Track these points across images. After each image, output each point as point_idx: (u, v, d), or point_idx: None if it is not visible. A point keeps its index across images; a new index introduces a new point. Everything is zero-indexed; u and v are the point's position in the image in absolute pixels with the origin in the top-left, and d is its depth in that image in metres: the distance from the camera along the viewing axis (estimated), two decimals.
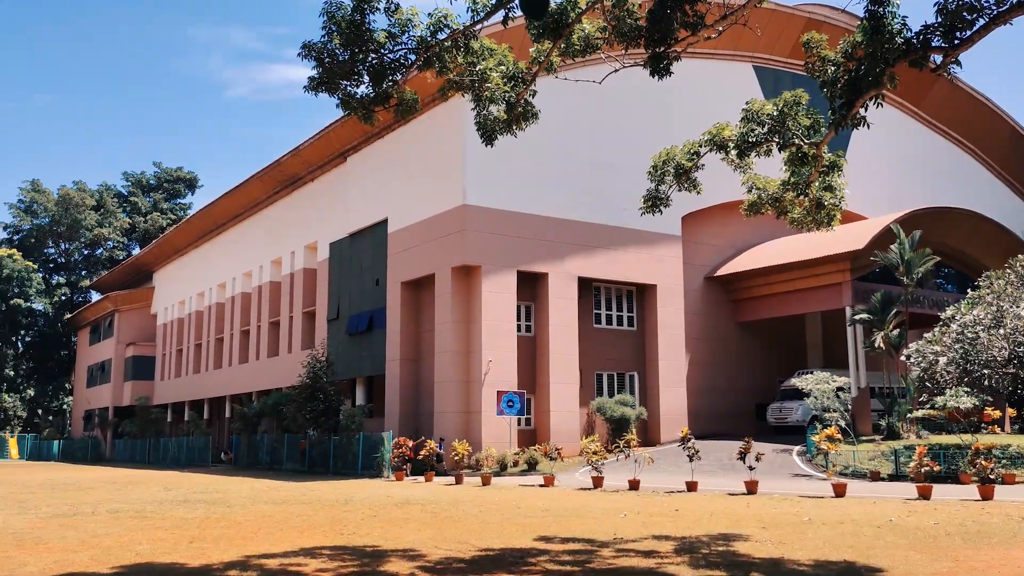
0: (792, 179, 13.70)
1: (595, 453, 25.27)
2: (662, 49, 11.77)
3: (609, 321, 37.73)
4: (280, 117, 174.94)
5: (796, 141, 12.92)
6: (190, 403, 61.52)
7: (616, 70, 13.51)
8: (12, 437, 74.17)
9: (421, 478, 29.30)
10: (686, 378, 37.80)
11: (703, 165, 14.15)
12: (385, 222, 38.34)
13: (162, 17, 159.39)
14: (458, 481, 27.48)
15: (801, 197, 13.92)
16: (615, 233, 36.28)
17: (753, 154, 13.41)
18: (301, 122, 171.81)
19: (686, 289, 38.60)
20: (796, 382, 32.03)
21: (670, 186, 14.36)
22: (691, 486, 22.38)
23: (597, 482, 24.35)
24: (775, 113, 12.88)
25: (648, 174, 14.43)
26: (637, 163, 20.27)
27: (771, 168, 14.75)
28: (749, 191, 14.50)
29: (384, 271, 37.96)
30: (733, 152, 13.39)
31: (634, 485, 23.24)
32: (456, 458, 28.52)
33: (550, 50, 12.43)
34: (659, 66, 11.94)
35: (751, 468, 22.01)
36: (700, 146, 13.87)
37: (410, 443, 30.75)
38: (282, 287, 48.61)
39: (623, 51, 12.59)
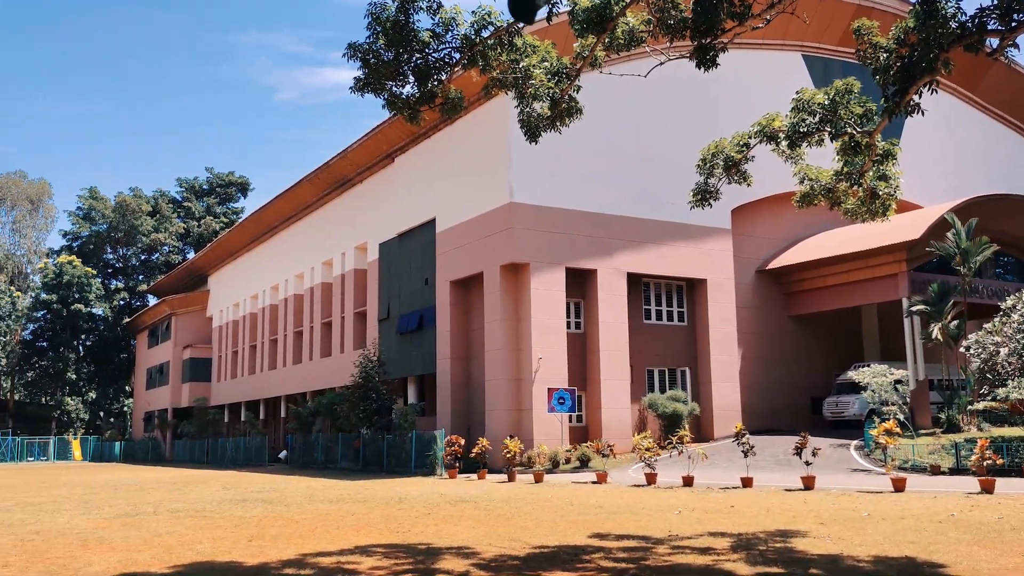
0: (845, 169, 13.47)
1: (648, 450, 25.04)
2: (708, 40, 11.61)
3: (659, 316, 37.46)
4: (328, 120, 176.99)
5: (849, 130, 12.68)
6: (246, 403, 62.54)
7: (661, 63, 13.38)
8: (75, 439, 76.00)
9: (474, 476, 29.42)
10: (739, 373, 37.39)
11: (753, 157, 13.96)
12: (433, 222, 38.56)
13: (208, 24, 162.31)
14: (510, 479, 27.53)
15: (855, 187, 13.67)
16: (664, 228, 36.01)
17: (804, 144, 13.20)
18: (349, 124, 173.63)
19: (737, 283, 38.16)
20: (853, 375, 31.47)
21: (719, 179, 14.17)
22: (746, 482, 22.12)
23: (650, 479, 24.15)
24: (826, 102, 12.65)
25: (697, 167, 14.27)
26: (685, 156, 20.09)
27: (823, 158, 14.51)
28: (801, 182, 14.28)
29: (433, 270, 38.18)
30: (784, 143, 13.19)
31: (688, 482, 23.05)
32: (508, 455, 28.59)
33: (594, 45, 12.34)
34: (705, 58, 11.78)
35: (807, 463, 21.70)
36: (750, 137, 13.67)
37: (462, 441, 30.88)
38: (333, 288, 49.17)
39: (668, 43, 12.46)
